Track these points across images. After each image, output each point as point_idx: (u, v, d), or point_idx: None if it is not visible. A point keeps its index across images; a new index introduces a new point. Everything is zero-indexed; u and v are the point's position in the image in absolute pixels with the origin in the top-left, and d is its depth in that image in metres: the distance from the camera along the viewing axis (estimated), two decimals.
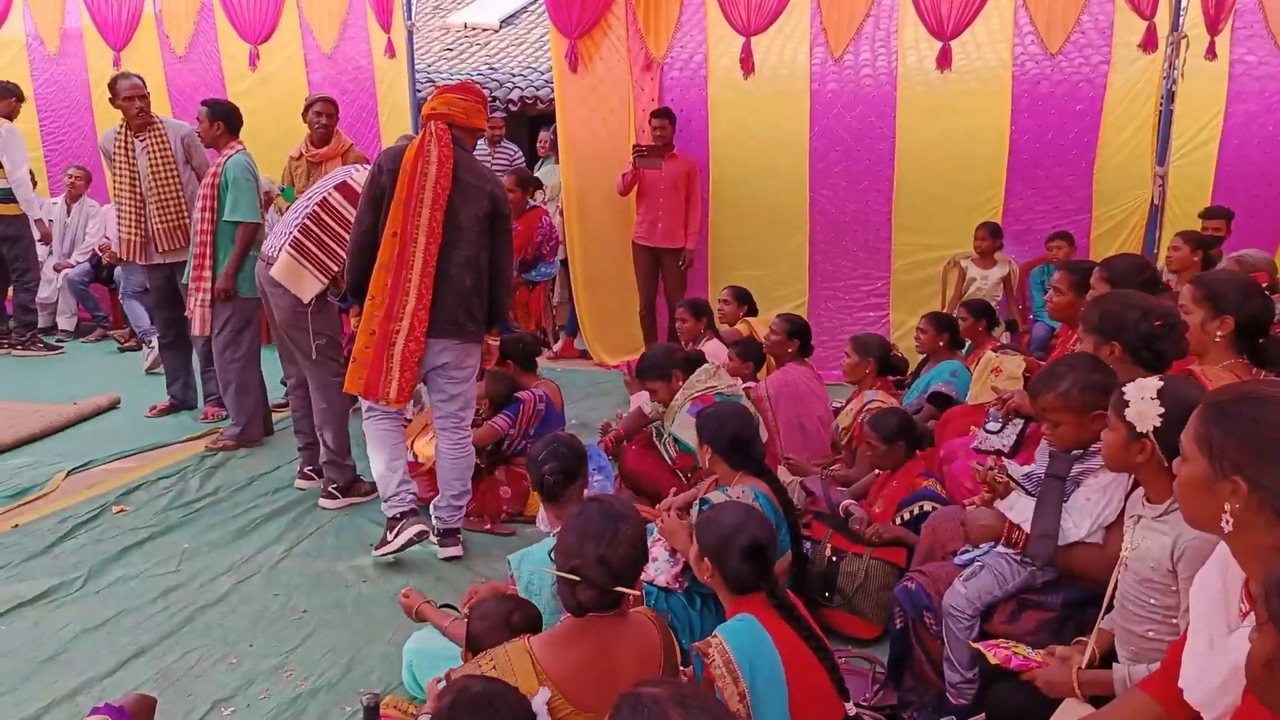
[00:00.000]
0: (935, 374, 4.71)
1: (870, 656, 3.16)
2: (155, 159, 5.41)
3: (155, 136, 5.42)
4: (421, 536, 3.87)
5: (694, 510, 3.12)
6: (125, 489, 4.63)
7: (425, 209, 3.68)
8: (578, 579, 2.06)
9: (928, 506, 3.38)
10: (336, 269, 4.26)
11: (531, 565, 2.90)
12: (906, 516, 3.45)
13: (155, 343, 6.89)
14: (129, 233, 5.54)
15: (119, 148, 5.46)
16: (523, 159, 8.45)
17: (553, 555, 2.23)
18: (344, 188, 4.30)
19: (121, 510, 4.39)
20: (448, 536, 4.01)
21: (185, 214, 5.46)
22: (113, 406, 5.97)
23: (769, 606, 2.33)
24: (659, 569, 3.09)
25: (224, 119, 5.15)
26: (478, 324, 3.91)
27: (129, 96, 5.35)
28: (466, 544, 4.12)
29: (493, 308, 3.97)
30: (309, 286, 4.29)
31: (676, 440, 4.15)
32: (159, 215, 5.45)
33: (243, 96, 7.97)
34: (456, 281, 3.78)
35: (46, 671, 3.08)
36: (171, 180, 5.45)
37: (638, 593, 2.20)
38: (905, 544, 3.37)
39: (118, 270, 7.44)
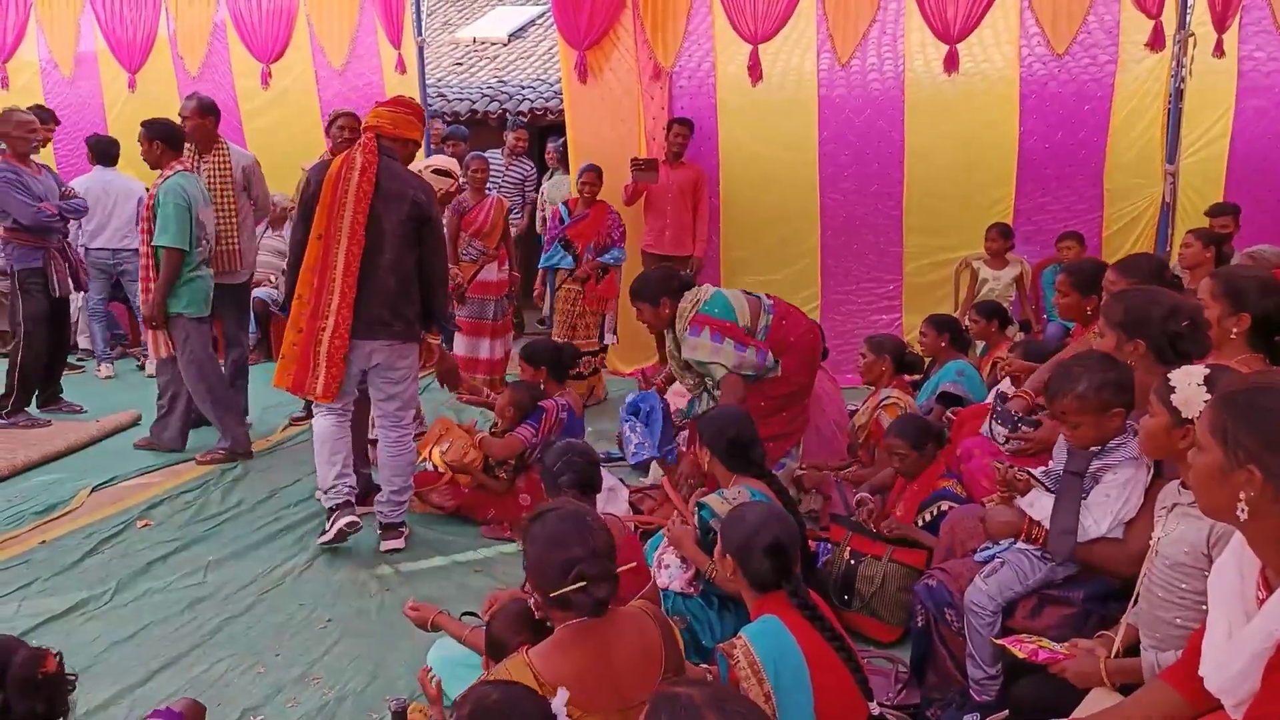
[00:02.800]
0: (942, 374, 4.73)
1: (893, 657, 3.17)
2: (214, 180, 5.39)
3: (219, 158, 5.42)
4: (352, 527, 3.99)
5: (695, 517, 3.14)
6: (149, 504, 4.68)
7: (348, 212, 3.81)
8: (585, 582, 2.07)
9: (945, 506, 3.39)
10: None
11: None
12: (927, 518, 3.46)
13: (106, 366, 7.41)
14: None
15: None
16: (535, 173, 8.52)
17: (526, 588, 2.24)
18: None
19: (146, 524, 4.44)
20: (388, 530, 4.13)
21: (235, 238, 5.44)
22: (134, 423, 6.02)
23: (792, 606, 2.35)
24: (672, 575, 3.12)
25: (164, 138, 5.08)
26: (407, 323, 4.01)
27: (185, 115, 5.37)
28: (487, 551, 4.16)
29: (428, 307, 4.09)
30: None
31: (698, 364, 4.15)
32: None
33: (256, 114, 8.10)
34: (381, 284, 3.90)
35: (78, 684, 3.11)
36: (226, 203, 5.41)
37: (633, 563, 2.23)
38: (919, 543, 3.38)
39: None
